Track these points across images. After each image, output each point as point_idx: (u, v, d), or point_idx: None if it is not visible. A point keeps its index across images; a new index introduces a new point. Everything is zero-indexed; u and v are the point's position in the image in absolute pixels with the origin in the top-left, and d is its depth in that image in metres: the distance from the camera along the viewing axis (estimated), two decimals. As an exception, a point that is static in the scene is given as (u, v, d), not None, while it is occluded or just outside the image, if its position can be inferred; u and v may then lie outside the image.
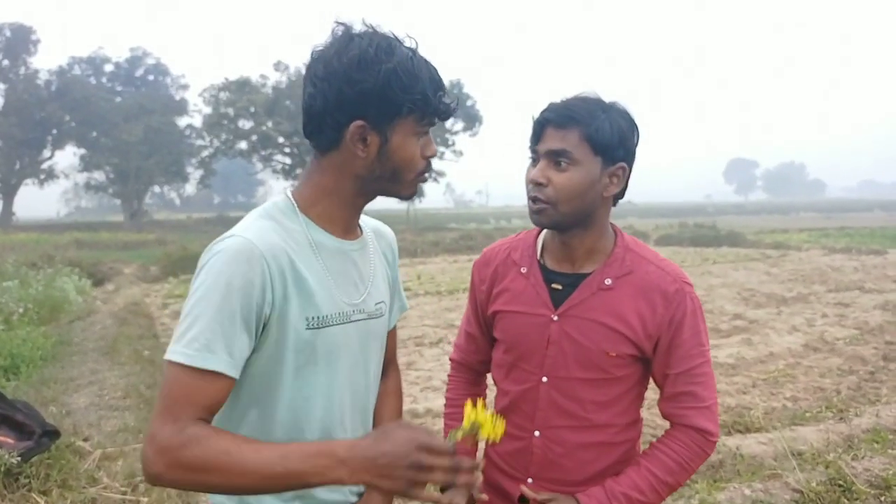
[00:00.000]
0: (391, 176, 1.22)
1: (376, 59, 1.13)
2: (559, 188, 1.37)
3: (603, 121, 1.36)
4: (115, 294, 11.59)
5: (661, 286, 1.42)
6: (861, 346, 7.26)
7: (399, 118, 1.17)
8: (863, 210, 72.23)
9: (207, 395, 1.09)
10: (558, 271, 1.49)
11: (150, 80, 47.74)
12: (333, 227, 1.27)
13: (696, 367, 1.43)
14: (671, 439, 1.45)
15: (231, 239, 1.15)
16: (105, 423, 4.40)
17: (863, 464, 3.80)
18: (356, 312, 1.28)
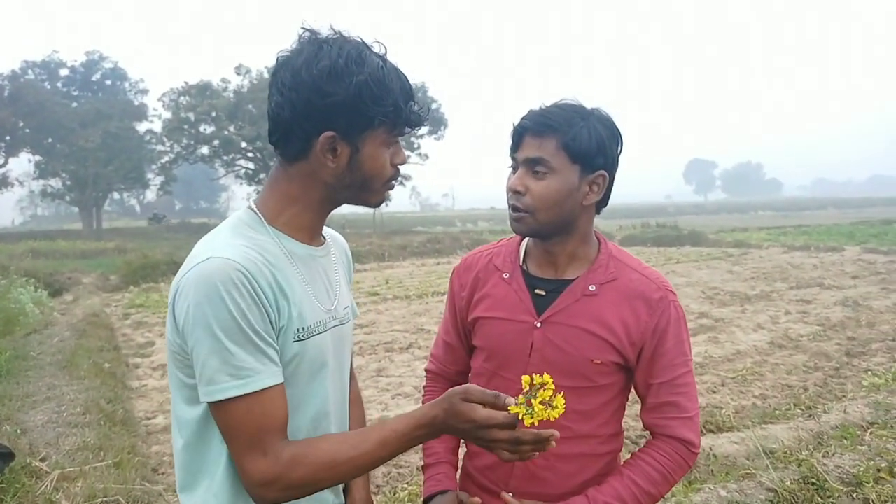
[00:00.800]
0: (361, 185, 1.21)
1: (347, 71, 1.11)
2: (537, 196, 1.36)
3: (581, 128, 1.35)
4: (74, 305, 11.26)
5: (645, 293, 1.41)
6: (824, 343, 7.41)
7: (370, 129, 1.15)
8: (817, 208, 74.28)
9: (276, 411, 1.10)
10: (541, 277, 1.47)
11: (107, 84, 46.58)
12: (301, 235, 1.25)
13: (680, 377, 1.42)
14: (654, 449, 1.42)
15: (208, 262, 1.08)
16: (63, 442, 4.21)
17: (834, 461, 3.83)
18: (331, 319, 1.27)
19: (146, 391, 6.19)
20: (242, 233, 1.17)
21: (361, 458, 1.11)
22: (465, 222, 53.76)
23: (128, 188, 50.10)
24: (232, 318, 1.05)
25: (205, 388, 1.07)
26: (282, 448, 1.08)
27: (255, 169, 41.50)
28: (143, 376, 6.76)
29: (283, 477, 1.07)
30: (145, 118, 44.52)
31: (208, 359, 1.05)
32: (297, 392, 1.19)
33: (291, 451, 1.09)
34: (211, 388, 1.06)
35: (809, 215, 52.00)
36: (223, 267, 1.07)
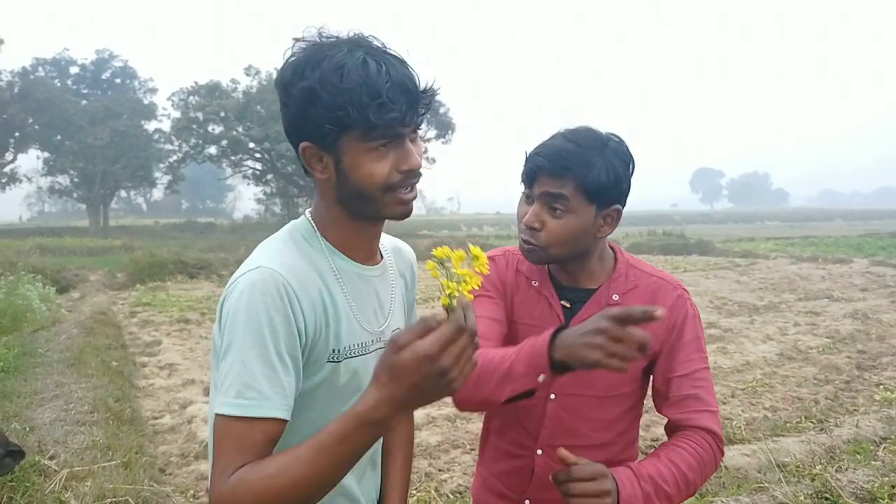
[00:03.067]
0: (359, 196, 1.12)
1: (294, 79, 1.06)
2: (552, 234, 1.36)
3: (599, 168, 1.33)
4: (81, 302, 11.27)
5: (664, 296, 1.44)
6: (834, 355, 7.35)
7: (343, 136, 1.06)
8: (824, 219, 74.01)
9: (261, 440, 1.02)
10: (565, 286, 1.49)
11: (116, 83, 46.89)
12: (352, 253, 1.20)
13: (698, 371, 1.42)
14: (687, 437, 1.37)
15: (257, 271, 1.07)
16: (72, 440, 4.20)
17: (847, 476, 3.80)
18: (374, 342, 1.21)
19: (153, 390, 6.17)
20: (296, 241, 1.16)
21: (298, 468, 0.96)
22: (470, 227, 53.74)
23: (135, 186, 50.27)
24: (262, 333, 1.03)
25: (217, 397, 1.04)
26: (236, 471, 1.00)
27: (262, 170, 41.60)
28: (150, 375, 6.74)
29: (230, 497, 0.98)
30: (154, 117, 44.78)
31: (231, 367, 1.03)
32: (325, 414, 1.14)
33: (239, 473, 0.99)
34: (222, 399, 1.03)
35: (816, 226, 51.79)
36: (268, 278, 1.05)
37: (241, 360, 1.02)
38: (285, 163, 39.07)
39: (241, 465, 0.99)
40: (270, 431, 1.03)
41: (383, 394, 0.92)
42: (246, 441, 1.00)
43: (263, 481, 0.96)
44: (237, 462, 0.99)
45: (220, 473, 1.00)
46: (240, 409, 1.01)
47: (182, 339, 8.66)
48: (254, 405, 1.01)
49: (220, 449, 1.02)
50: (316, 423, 1.12)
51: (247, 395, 1.01)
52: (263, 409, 1.01)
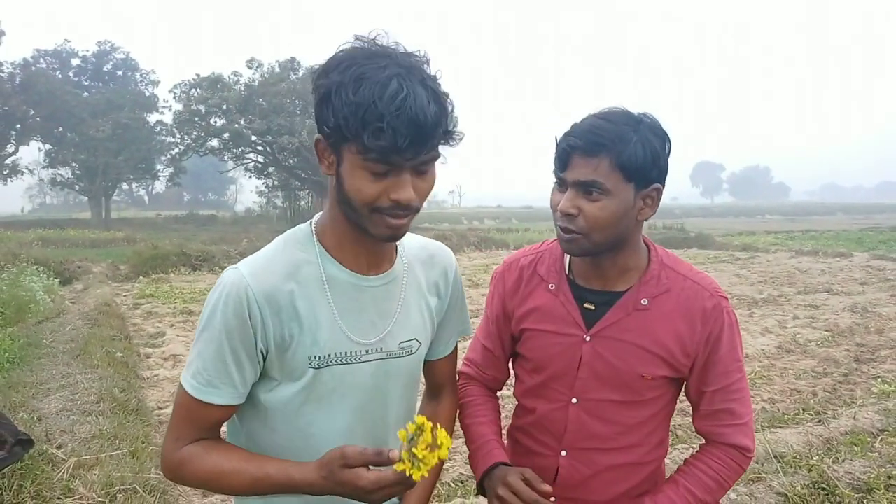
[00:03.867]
0: (347, 203, 1.12)
1: (322, 74, 1.08)
2: (591, 219, 1.28)
3: (635, 143, 1.25)
4: (85, 294, 11.32)
5: (700, 304, 1.36)
6: (833, 349, 7.40)
7: (345, 144, 1.06)
8: (825, 213, 73.90)
9: (209, 420, 1.20)
10: (589, 289, 1.42)
11: (118, 75, 46.79)
12: (349, 261, 1.21)
13: (734, 384, 1.38)
14: (709, 456, 1.40)
15: (232, 272, 1.17)
16: (79, 430, 4.26)
17: (844, 467, 3.84)
18: (369, 352, 1.23)
19: (158, 381, 6.23)
20: (289, 246, 1.22)
21: (237, 485, 1.17)
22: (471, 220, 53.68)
23: (137, 179, 50.32)
24: (218, 330, 1.15)
25: (184, 370, 1.20)
26: (188, 443, 1.19)
27: (264, 162, 41.57)
28: (155, 366, 6.80)
29: (174, 467, 1.19)
30: (156, 109, 44.70)
31: (193, 346, 1.19)
32: (311, 419, 1.22)
33: (189, 450, 1.18)
34: (183, 372, 1.19)
35: (817, 220, 51.77)
36: (234, 282, 1.15)
37: (199, 349, 1.17)
38: (287, 155, 39.05)
39: (193, 438, 1.19)
40: (216, 414, 1.19)
41: (316, 481, 1.11)
42: (196, 417, 1.18)
43: (206, 473, 1.17)
44: (189, 435, 1.19)
45: (174, 439, 1.19)
46: (192, 390, 1.17)
47: (186, 330, 8.71)
48: (203, 390, 1.16)
49: (176, 413, 1.20)
50: (306, 426, 1.21)
51: (199, 379, 1.16)
52: (211, 395, 1.16)
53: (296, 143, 35.79)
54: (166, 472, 1.21)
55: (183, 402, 1.18)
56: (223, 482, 1.17)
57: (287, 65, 40.23)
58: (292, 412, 1.21)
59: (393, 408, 1.30)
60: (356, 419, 1.24)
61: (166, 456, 1.20)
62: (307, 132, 35.79)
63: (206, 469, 1.17)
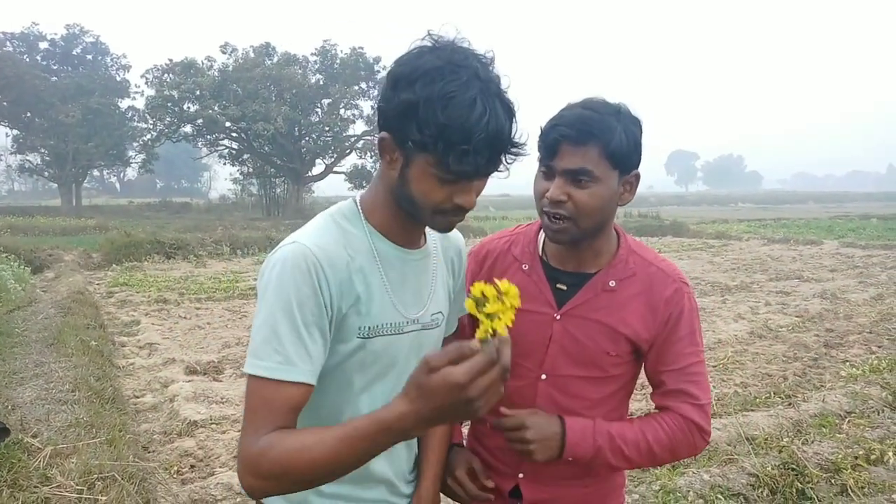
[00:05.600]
0: (410, 202, 1.17)
1: (407, 83, 1.07)
2: (581, 205, 1.33)
3: (620, 132, 1.32)
4: (56, 282, 11.13)
5: (662, 288, 1.43)
6: (803, 334, 7.56)
7: (417, 150, 1.09)
8: (797, 202, 75.09)
9: (287, 404, 1.10)
10: (562, 269, 1.48)
11: (88, 59, 45.73)
12: (394, 236, 1.25)
13: (691, 366, 1.43)
14: (667, 416, 1.44)
15: (291, 246, 1.15)
16: (54, 418, 4.21)
17: (813, 448, 3.96)
18: (410, 323, 1.27)
19: (133, 370, 6.18)
20: (338, 223, 1.22)
21: (321, 450, 1.02)
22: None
23: (108, 165, 49.37)
24: (290, 302, 1.11)
25: (248, 359, 1.12)
26: (268, 432, 1.07)
27: (238, 149, 41.08)
28: (130, 355, 6.74)
29: (256, 460, 1.05)
30: (127, 95, 43.78)
31: (259, 331, 1.12)
32: (356, 388, 1.23)
33: (269, 437, 1.06)
34: (251, 360, 1.12)
35: (789, 209, 52.61)
36: (299, 252, 1.13)
37: (271, 327, 1.10)
38: (262, 142, 38.63)
39: (272, 428, 1.08)
40: (296, 395, 1.11)
41: (410, 409, 0.96)
42: (274, 403, 1.09)
43: (289, 453, 1.04)
44: (268, 424, 1.08)
45: (252, 432, 1.08)
46: (268, 372, 1.09)
47: (161, 318, 8.64)
48: (281, 369, 1.09)
49: (250, 407, 1.10)
50: (352, 395, 1.22)
51: (274, 358, 1.09)
52: (291, 373, 1.09)
53: (271, 129, 35.41)
54: (247, 472, 1.06)
55: (257, 390, 1.10)
56: (307, 457, 1.02)
57: (262, 50, 39.73)
58: (337, 380, 1.22)
59: None
60: (393, 388, 1.22)
61: (246, 453, 1.07)
62: (282, 119, 35.45)
63: (288, 447, 1.04)
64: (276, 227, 22.72)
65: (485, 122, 1.04)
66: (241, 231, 20.46)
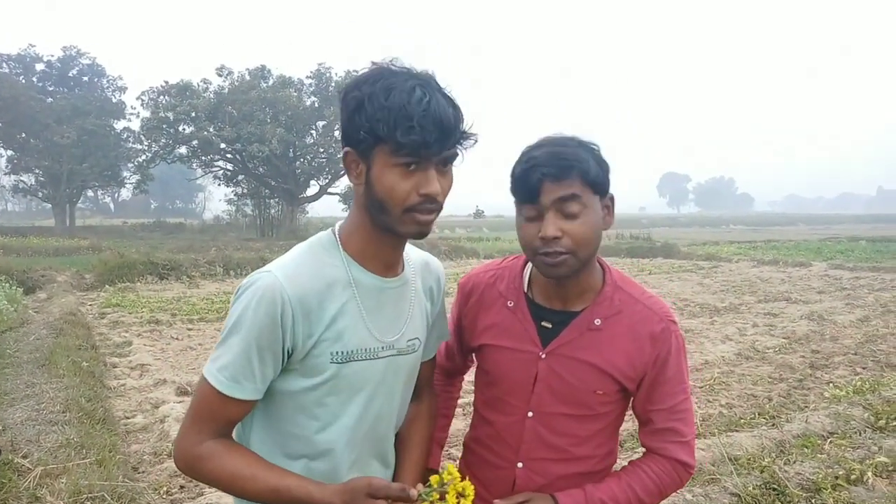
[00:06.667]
0: (379, 207, 1.22)
1: (351, 89, 1.21)
2: (577, 236, 1.34)
3: (591, 160, 1.36)
4: (49, 303, 11.14)
5: (649, 327, 1.43)
6: (789, 355, 7.64)
7: (376, 147, 1.18)
8: (787, 224, 75.48)
9: (230, 415, 1.27)
10: (548, 308, 1.48)
11: (84, 80, 45.96)
12: (372, 264, 1.32)
13: (679, 405, 1.45)
14: (653, 462, 1.47)
15: (265, 275, 1.24)
16: (45, 439, 4.25)
17: (794, 468, 4.01)
18: (385, 349, 1.33)
19: (125, 390, 6.21)
20: (316, 252, 1.30)
21: (252, 490, 1.23)
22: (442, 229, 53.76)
23: (103, 186, 49.37)
24: (248, 328, 1.21)
25: (208, 361, 1.26)
26: (210, 438, 1.24)
27: (233, 170, 41.21)
28: (121, 376, 6.76)
29: (193, 460, 1.24)
30: (123, 116, 43.94)
31: (220, 343, 1.26)
32: (332, 409, 1.31)
33: (212, 447, 1.24)
34: (207, 366, 1.25)
35: (779, 231, 52.90)
36: (268, 284, 1.22)
37: (229, 344, 1.24)
38: (257, 164, 38.76)
39: (213, 435, 1.25)
40: (238, 411, 1.27)
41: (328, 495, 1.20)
42: (217, 414, 1.25)
43: (223, 473, 1.24)
44: (209, 430, 1.25)
45: (196, 432, 1.25)
46: (218, 384, 1.23)
47: (153, 339, 8.66)
48: (227, 385, 1.23)
49: (196, 407, 1.26)
50: (328, 416, 1.31)
51: (224, 374, 1.23)
52: (234, 391, 1.23)
53: (266, 151, 35.56)
54: (182, 463, 1.26)
55: (206, 395, 1.24)
56: (239, 485, 1.23)
57: (257, 73, 40.01)
58: (311, 402, 1.29)
59: (396, 401, 1.41)
60: (365, 410, 1.34)
61: (185, 448, 1.24)
62: (277, 140, 35.60)
63: (226, 470, 1.23)
64: (270, 248, 22.71)
65: (426, 101, 1.15)
66: (235, 252, 20.46)
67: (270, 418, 1.32)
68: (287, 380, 1.28)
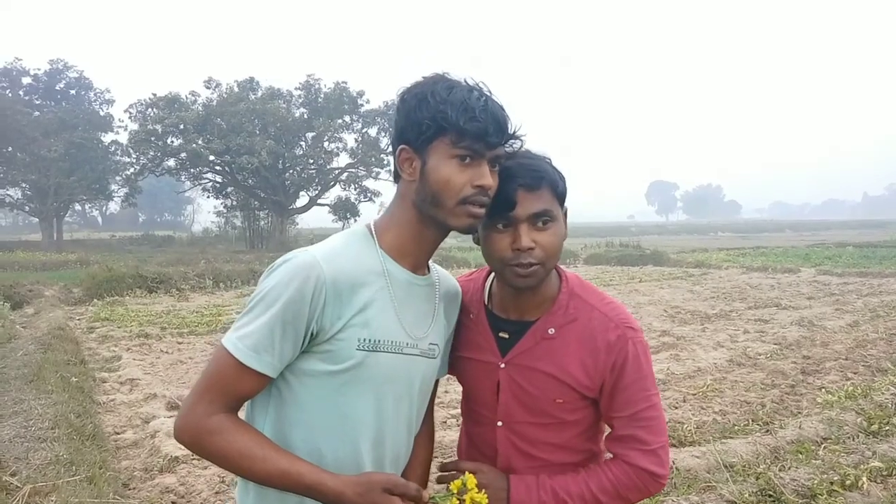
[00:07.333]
0: (432, 199, 1.27)
1: (414, 88, 1.28)
2: (548, 247, 1.37)
3: (554, 172, 1.40)
4: (37, 318, 11.04)
5: (603, 334, 1.41)
6: (781, 361, 7.67)
7: (434, 141, 1.25)
8: (775, 230, 76.04)
9: (244, 388, 1.23)
10: (504, 318, 1.49)
11: (71, 94, 45.76)
12: (404, 260, 1.35)
13: (641, 412, 1.42)
14: (614, 465, 1.44)
15: (303, 253, 1.25)
16: (34, 456, 4.18)
17: (790, 474, 4.02)
18: (410, 346, 1.33)
19: (114, 406, 6.13)
20: (350, 242, 1.32)
21: (261, 471, 1.20)
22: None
23: (90, 199, 49.07)
24: (277, 300, 1.20)
25: (228, 334, 1.24)
26: (221, 412, 1.21)
27: (222, 182, 41.07)
28: (111, 391, 6.69)
29: (201, 434, 1.20)
30: (110, 129, 43.72)
31: (244, 314, 1.24)
32: (348, 400, 1.28)
33: (222, 421, 1.21)
34: (227, 336, 1.24)
35: (767, 237, 53.27)
36: (305, 260, 1.23)
37: (256, 314, 1.22)
38: (246, 175, 38.66)
39: (223, 408, 1.22)
40: (252, 384, 1.23)
41: (349, 496, 1.19)
42: (231, 383, 1.22)
43: (233, 448, 1.20)
44: (221, 402, 1.22)
45: (208, 402, 1.21)
46: (237, 352, 1.20)
47: (142, 354, 8.58)
48: (246, 353, 1.20)
49: (210, 375, 1.22)
50: (346, 408, 1.28)
51: (245, 342, 1.20)
52: (252, 361, 1.20)
53: (255, 162, 35.47)
54: (187, 436, 1.21)
55: (222, 365, 1.21)
56: (247, 464, 1.20)
57: (246, 84, 39.99)
58: (333, 390, 1.27)
59: (415, 405, 1.41)
60: (391, 411, 1.33)
61: (192, 421, 1.20)
62: (266, 152, 35.54)
63: (235, 447, 1.19)
64: (259, 260, 22.63)
65: (483, 99, 1.25)
66: (225, 264, 20.37)
67: (288, 410, 1.29)
68: (309, 362, 1.26)
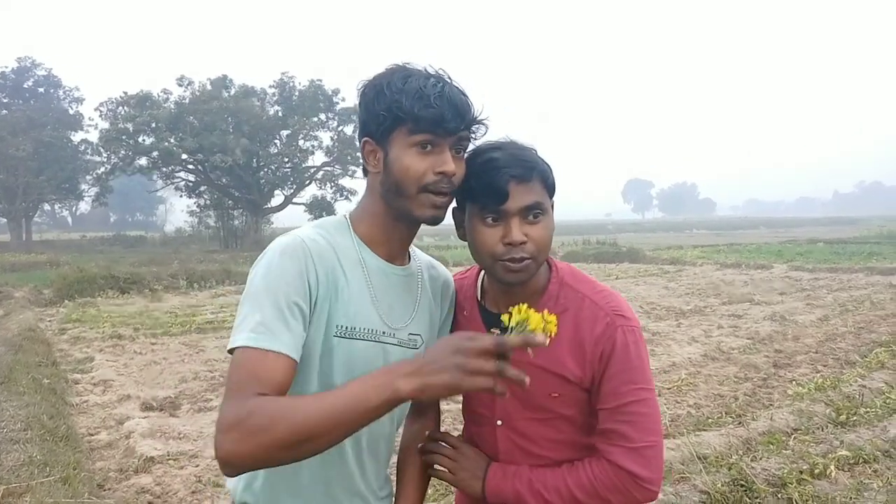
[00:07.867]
0: (396, 189, 1.26)
1: (373, 80, 1.28)
2: (539, 240, 1.33)
3: (543, 163, 1.37)
4: (6, 319, 10.83)
5: (592, 323, 1.37)
6: (753, 355, 7.81)
7: (394, 131, 1.24)
8: (749, 227, 77.09)
9: (272, 373, 1.11)
10: (497, 313, 1.40)
11: (39, 92, 45.00)
12: (379, 249, 1.35)
13: (626, 405, 1.34)
14: (595, 462, 1.37)
15: (285, 236, 1.25)
16: (6, 458, 4.13)
17: (761, 464, 4.10)
18: (387, 336, 1.31)
19: (87, 407, 6.06)
20: (326, 229, 1.32)
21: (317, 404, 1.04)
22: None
23: (60, 199, 48.31)
24: (276, 281, 1.18)
25: (232, 336, 1.16)
26: (254, 397, 1.06)
27: (195, 181, 40.62)
28: (84, 392, 6.60)
29: (242, 421, 1.02)
30: (80, 128, 43.08)
31: (243, 310, 1.17)
32: (325, 386, 1.25)
33: (258, 400, 1.05)
34: (233, 337, 1.15)
35: (741, 234, 54.02)
36: (291, 239, 1.24)
37: (259, 302, 1.16)
38: (219, 174, 38.30)
39: (255, 392, 1.07)
40: (279, 367, 1.12)
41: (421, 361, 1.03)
42: (259, 372, 1.10)
43: (280, 409, 1.04)
44: (251, 388, 1.08)
45: (238, 400, 1.06)
46: (253, 342, 1.12)
47: (115, 355, 8.47)
48: (266, 339, 1.12)
49: (234, 380, 1.10)
50: None
51: (258, 329, 1.13)
52: (274, 343, 1.12)
53: (229, 161, 35.15)
54: (229, 430, 1.03)
55: (241, 362, 1.11)
56: (298, 414, 1.02)
57: (219, 82, 39.59)
58: (311, 382, 1.25)
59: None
60: None
61: (228, 415, 1.04)
62: (240, 150, 35.23)
63: (281, 402, 1.06)
64: (234, 260, 22.43)
65: (440, 86, 1.24)
66: (198, 264, 20.16)
67: None
68: None
